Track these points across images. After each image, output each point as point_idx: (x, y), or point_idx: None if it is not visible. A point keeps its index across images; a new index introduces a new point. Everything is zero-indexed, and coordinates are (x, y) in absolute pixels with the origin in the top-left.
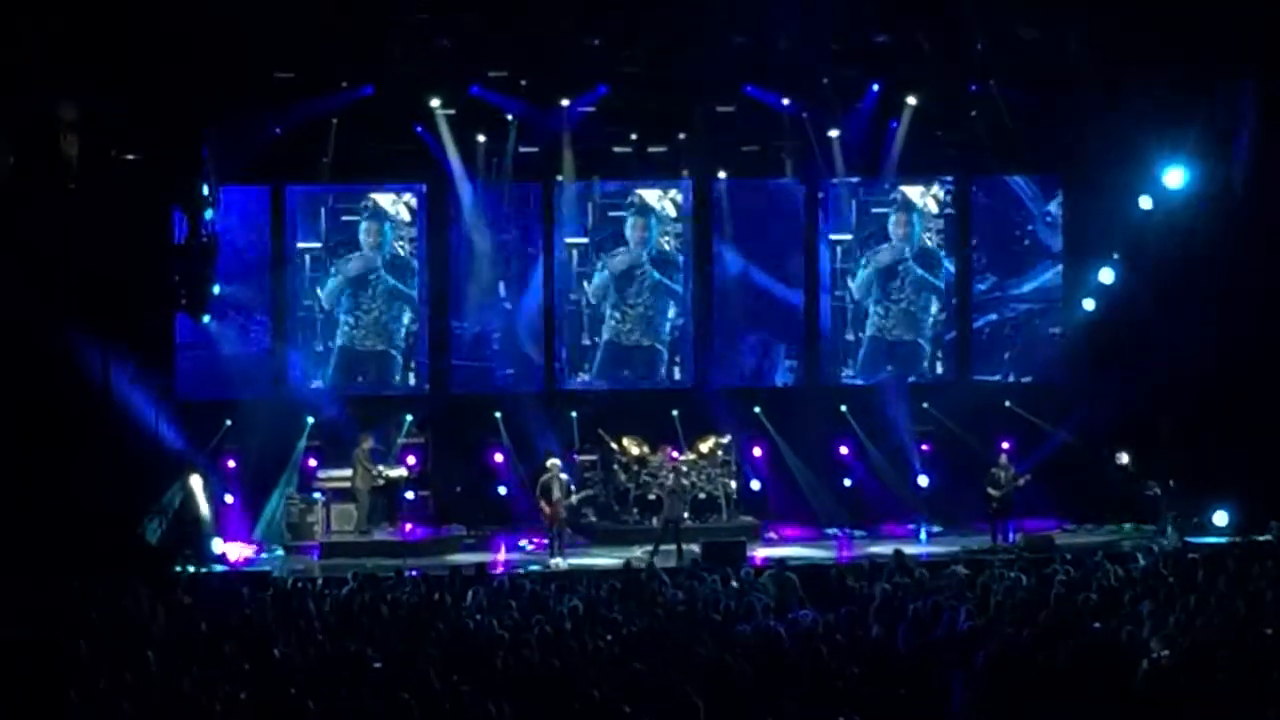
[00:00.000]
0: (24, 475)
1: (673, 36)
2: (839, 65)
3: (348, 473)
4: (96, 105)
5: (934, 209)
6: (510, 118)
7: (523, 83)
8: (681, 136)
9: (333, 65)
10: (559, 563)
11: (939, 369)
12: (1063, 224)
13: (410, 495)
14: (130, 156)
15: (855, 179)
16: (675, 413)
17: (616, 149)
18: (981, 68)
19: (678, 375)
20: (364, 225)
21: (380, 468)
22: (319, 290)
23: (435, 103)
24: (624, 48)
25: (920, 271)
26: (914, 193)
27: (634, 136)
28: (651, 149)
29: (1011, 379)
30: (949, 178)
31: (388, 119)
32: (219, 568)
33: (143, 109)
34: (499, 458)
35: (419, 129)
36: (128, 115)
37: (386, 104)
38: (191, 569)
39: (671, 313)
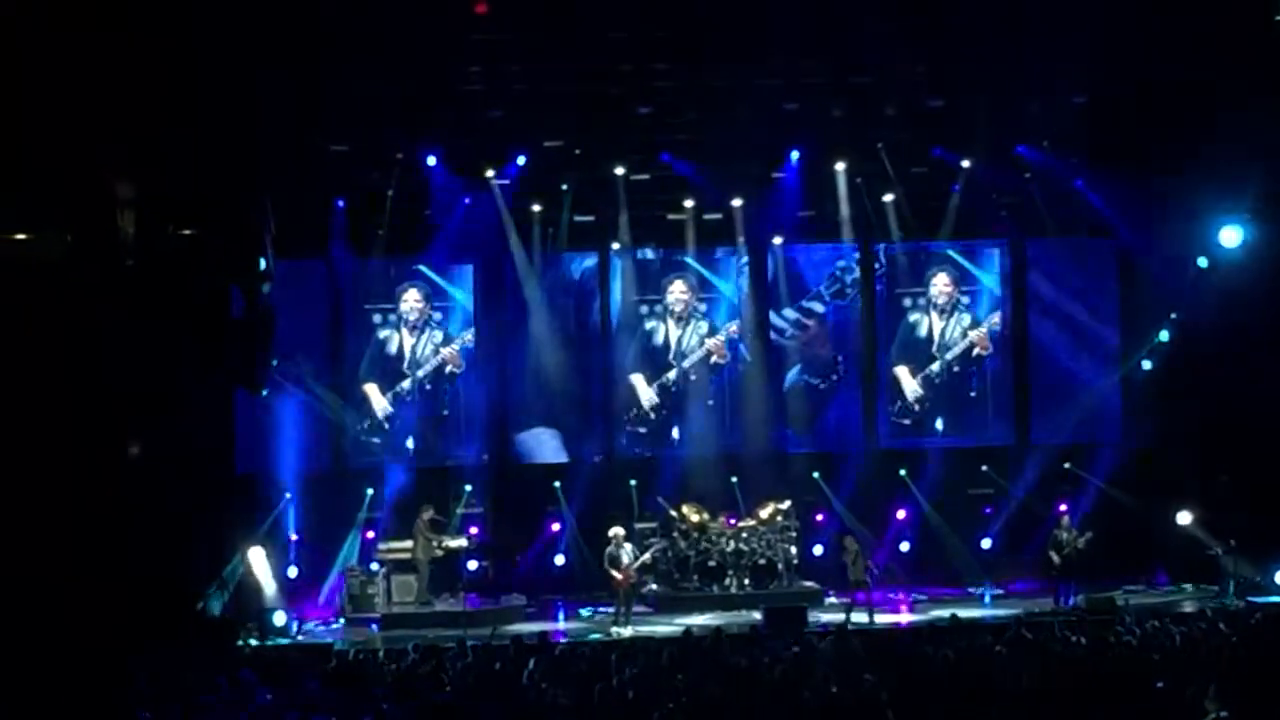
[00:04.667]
0: (85, 549)
1: (725, 103)
2: (893, 129)
3: (408, 544)
4: (153, 182)
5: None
6: (565, 187)
7: (576, 152)
8: (736, 203)
9: (388, 138)
10: (621, 631)
11: (997, 431)
12: (1119, 284)
13: (471, 565)
14: (187, 232)
15: (911, 242)
16: (734, 479)
17: (671, 216)
18: (1035, 129)
19: (740, 440)
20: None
21: (441, 538)
22: (376, 362)
23: (490, 173)
24: (676, 115)
25: (977, 334)
26: (968, 257)
27: (689, 203)
28: (706, 215)
29: (1071, 440)
30: (1004, 240)
31: (443, 191)
32: (281, 640)
33: (199, 185)
34: (558, 526)
35: (472, 200)
36: (184, 192)
37: (441, 176)
38: (254, 642)
39: (731, 377)
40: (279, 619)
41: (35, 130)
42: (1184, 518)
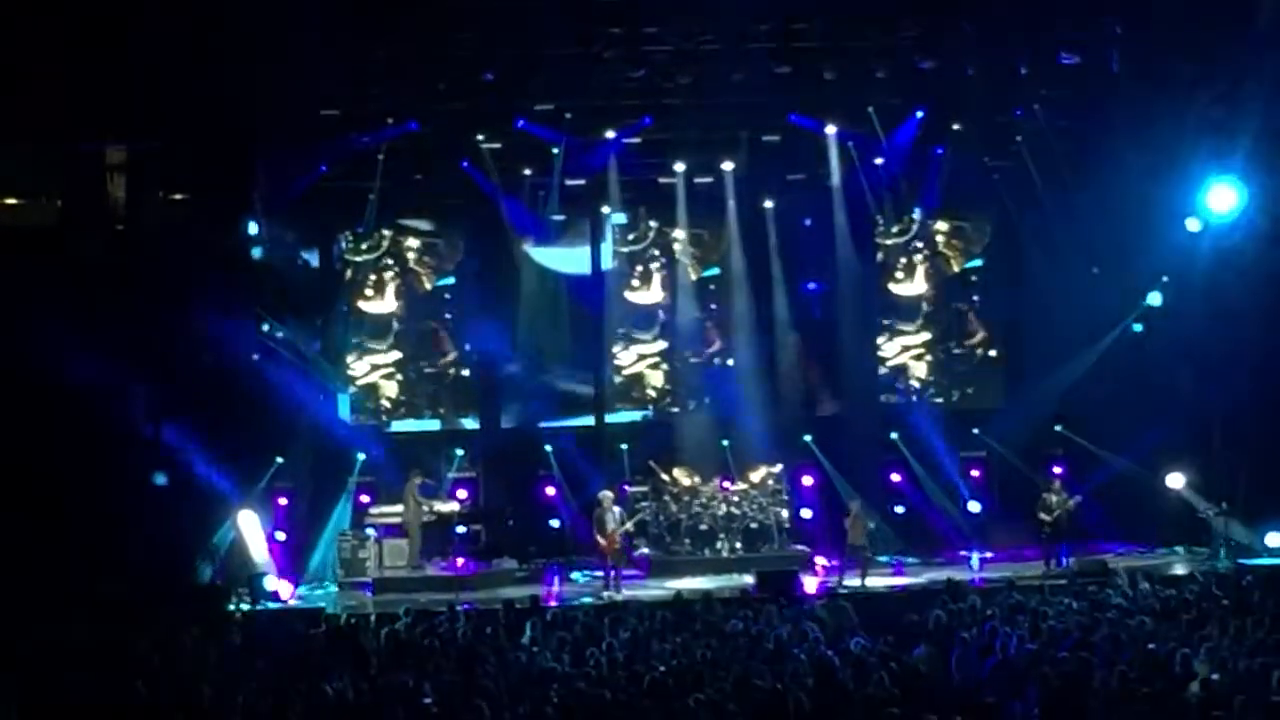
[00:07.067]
0: (75, 517)
1: (716, 66)
2: (883, 92)
3: (399, 508)
4: (143, 147)
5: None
6: (556, 151)
7: (567, 116)
8: (727, 166)
9: (378, 102)
10: (613, 595)
11: (988, 394)
12: (1110, 246)
13: (462, 530)
14: (177, 197)
15: (901, 205)
16: (726, 442)
17: (662, 180)
18: (1025, 92)
19: (729, 404)
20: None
21: (431, 502)
22: (366, 327)
23: (481, 137)
24: (667, 79)
25: (963, 294)
26: (955, 218)
27: (679, 167)
28: (697, 179)
29: (1062, 403)
30: (994, 203)
31: (434, 154)
32: (272, 605)
33: (189, 149)
34: (550, 491)
35: (465, 164)
36: (174, 156)
37: (432, 139)
38: (245, 607)
39: (720, 343)
40: (269, 584)
41: (26, 96)
42: (1175, 480)
